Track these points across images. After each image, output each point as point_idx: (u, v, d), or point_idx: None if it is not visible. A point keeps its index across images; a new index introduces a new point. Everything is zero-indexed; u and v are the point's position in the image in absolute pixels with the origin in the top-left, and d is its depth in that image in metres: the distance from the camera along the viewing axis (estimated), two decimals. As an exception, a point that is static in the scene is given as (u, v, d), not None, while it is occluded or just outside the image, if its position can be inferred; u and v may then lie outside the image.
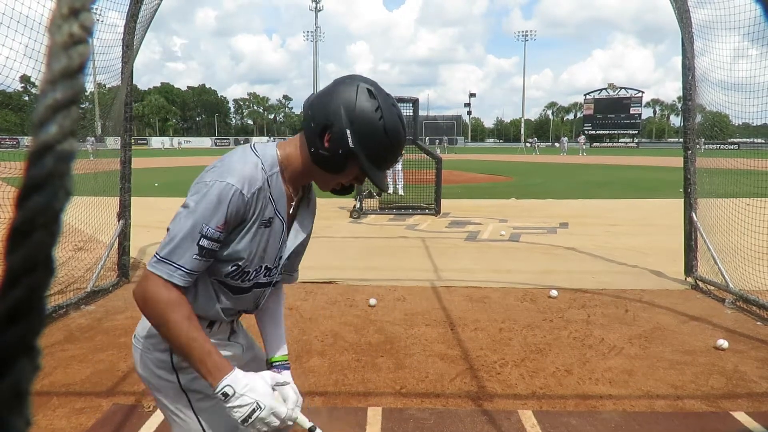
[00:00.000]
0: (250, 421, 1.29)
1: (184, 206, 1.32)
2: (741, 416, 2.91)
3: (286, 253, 1.54)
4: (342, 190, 1.49)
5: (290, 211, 1.49)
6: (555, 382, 3.32)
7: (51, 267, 0.24)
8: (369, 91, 1.35)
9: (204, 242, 1.28)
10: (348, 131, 1.32)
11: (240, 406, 1.28)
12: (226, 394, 1.27)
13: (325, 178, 1.43)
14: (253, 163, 1.34)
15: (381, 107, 1.35)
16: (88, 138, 7.47)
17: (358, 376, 3.41)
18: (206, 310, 1.46)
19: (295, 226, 1.54)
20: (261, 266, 1.47)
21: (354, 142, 1.32)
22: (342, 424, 2.83)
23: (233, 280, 1.43)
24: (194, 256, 1.29)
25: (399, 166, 11.69)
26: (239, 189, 1.29)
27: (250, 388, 1.30)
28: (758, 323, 4.32)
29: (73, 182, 0.25)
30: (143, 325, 1.48)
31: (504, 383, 3.31)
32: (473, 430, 2.79)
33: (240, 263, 1.40)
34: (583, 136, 58.01)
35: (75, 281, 5.09)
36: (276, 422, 1.33)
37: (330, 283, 5.42)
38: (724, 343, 3.81)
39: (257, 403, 1.29)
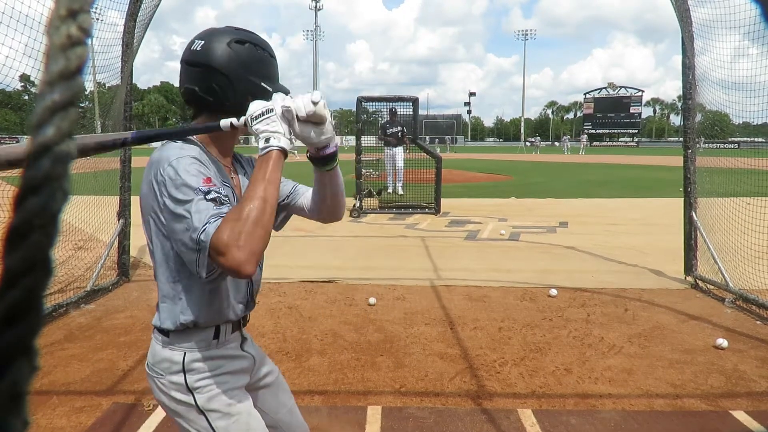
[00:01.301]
0: (263, 114, 1.27)
1: (168, 206, 1.27)
2: (740, 415, 2.92)
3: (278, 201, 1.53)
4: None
5: (234, 180, 1.52)
6: (554, 381, 3.32)
7: (49, 268, 0.24)
8: (237, 41, 1.42)
9: (212, 195, 1.25)
10: (262, 84, 1.42)
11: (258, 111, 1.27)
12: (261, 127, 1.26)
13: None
14: (174, 145, 1.35)
15: (253, 42, 1.44)
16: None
17: (357, 375, 3.41)
18: (209, 313, 1.43)
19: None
20: None
21: (267, 84, 1.43)
22: (342, 423, 2.83)
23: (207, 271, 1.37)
24: (213, 207, 1.23)
25: (400, 164, 11.68)
26: (187, 155, 1.30)
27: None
28: (758, 322, 4.32)
29: (71, 183, 0.25)
30: (152, 352, 1.47)
31: (503, 382, 3.31)
32: (473, 429, 2.79)
33: None
34: (584, 135, 57.98)
35: (75, 280, 5.09)
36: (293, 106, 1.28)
37: (329, 282, 5.42)
38: (723, 342, 3.81)
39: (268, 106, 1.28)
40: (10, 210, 0.25)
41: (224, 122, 1.32)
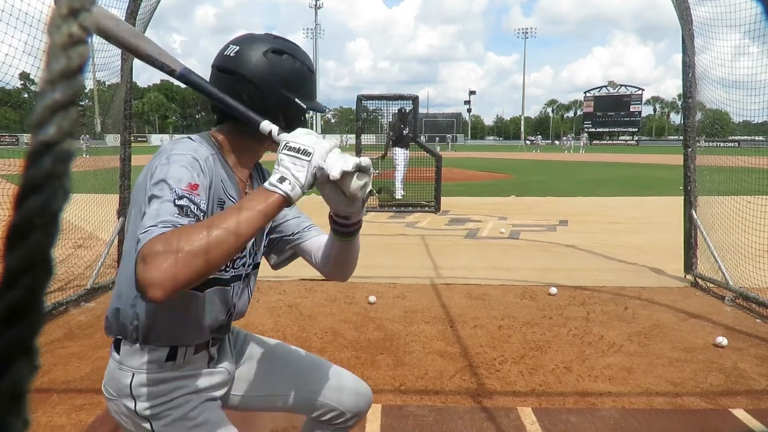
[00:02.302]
0: (307, 143, 1.11)
1: (145, 200, 1.14)
2: (740, 413, 2.92)
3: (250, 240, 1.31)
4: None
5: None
6: (554, 379, 3.32)
7: (49, 267, 0.24)
8: (275, 51, 1.32)
9: (183, 201, 1.10)
10: (296, 99, 1.32)
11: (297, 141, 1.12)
12: (284, 171, 1.09)
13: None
14: (190, 141, 1.28)
15: (293, 55, 1.33)
16: (82, 136, 7.47)
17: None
18: (164, 331, 1.29)
19: None
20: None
21: (302, 100, 1.32)
22: (342, 422, 2.83)
23: None
24: (174, 214, 1.07)
25: (404, 167, 11.44)
26: (191, 155, 1.20)
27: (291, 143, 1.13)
28: (758, 321, 4.32)
29: (72, 182, 0.25)
30: (107, 369, 1.35)
31: (503, 380, 3.31)
32: (472, 427, 2.79)
33: None
34: (585, 134, 57.94)
35: (75, 278, 5.09)
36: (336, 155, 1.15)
37: (329, 280, 5.41)
38: (723, 340, 3.81)
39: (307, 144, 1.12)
40: (11, 209, 0.25)
41: (266, 125, 1.20)
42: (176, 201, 1.08)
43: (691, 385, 3.24)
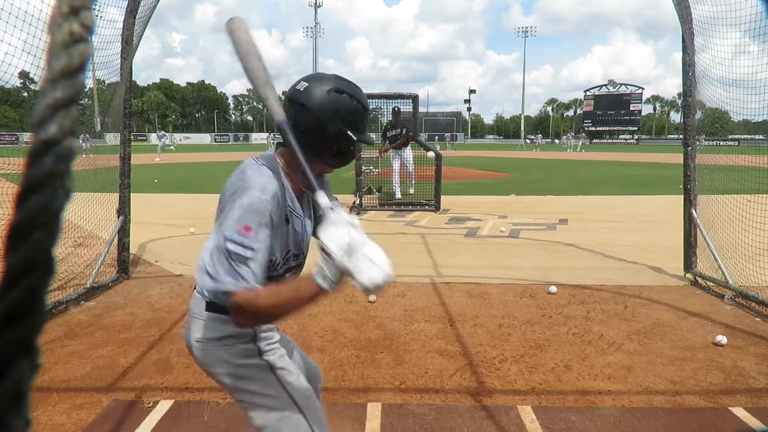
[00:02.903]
0: (351, 251, 1.36)
1: (224, 223, 1.45)
2: (739, 412, 2.92)
3: (308, 239, 1.77)
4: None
5: (304, 205, 1.71)
6: (554, 378, 3.33)
7: (50, 267, 0.24)
8: (337, 90, 1.57)
9: (257, 246, 1.43)
10: (348, 132, 1.59)
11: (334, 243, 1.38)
12: (327, 272, 1.36)
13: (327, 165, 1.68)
14: (267, 175, 1.54)
15: (353, 95, 1.59)
16: (81, 135, 7.46)
17: (357, 371, 3.41)
18: None
19: (310, 214, 1.78)
20: (288, 252, 1.67)
21: (354, 134, 1.60)
22: (342, 420, 2.83)
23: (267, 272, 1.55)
24: (250, 263, 1.42)
25: (410, 168, 11.40)
26: (265, 198, 1.47)
27: (331, 241, 1.39)
28: (757, 319, 4.33)
29: (72, 181, 0.25)
30: (205, 329, 1.63)
31: (503, 379, 3.32)
32: (472, 426, 2.79)
33: (272, 258, 1.57)
34: (583, 134, 57.88)
35: (75, 277, 5.09)
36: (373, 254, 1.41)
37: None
38: (723, 339, 3.81)
39: (346, 238, 1.38)
40: (12, 208, 0.25)
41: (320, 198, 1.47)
42: (230, 244, 1.41)
43: (690, 384, 3.24)
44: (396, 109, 10.81)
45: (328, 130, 1.56)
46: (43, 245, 0.23)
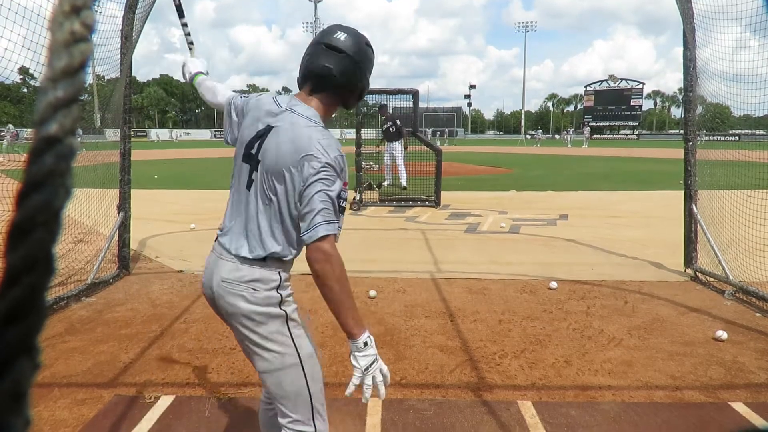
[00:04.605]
0: (371, 368, 1.67)
1: (319, 180, 1.62)
2: (739, 407, 2.93)
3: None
4: None
5: None
6: (554, 373, 3.33)
7: (51, 265, 0.24)
8: (370, 46, 1.80)
9: (343, 201, 1.67)
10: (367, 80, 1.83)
11: (368, 355, 1.66)
12: (366, 344, 1.66)
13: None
14: (329, 133, 1.71)
15: (372, 48, 1.82)
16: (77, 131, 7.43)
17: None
18: (298, 252, 1.80)
19: None
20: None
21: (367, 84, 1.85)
22: (342, 415, 2.84)
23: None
24: (341, 214, 1.67)
25: (399, 161, 11.59)
26: (342, 155, 1.70)
27: (374, 343, 1.69)
28: (757, 314, 4.33)
29: (73, 179, 0.25)
30: (242, 272, 1.72)
31: (503, 374, 3.32)
32: (473, 421, 2.80)
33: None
34: (587, 128, 57.81)
35: (75, 273, 5.09)
36: (380, 378, 1.70)
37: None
38: (723, 334, 3.82)
39: (377, 356, 1.68)
40: (13, 206, 0.25)
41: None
42: (340, 199, 1.65)
43: (690, 379, 3.25)
44: (380, 104, 11.15)
45: (362, 80, 1.78)
46: (43, 244, 0.23)
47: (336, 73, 1.71)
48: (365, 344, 1.65)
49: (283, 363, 1.76)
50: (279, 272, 1.76)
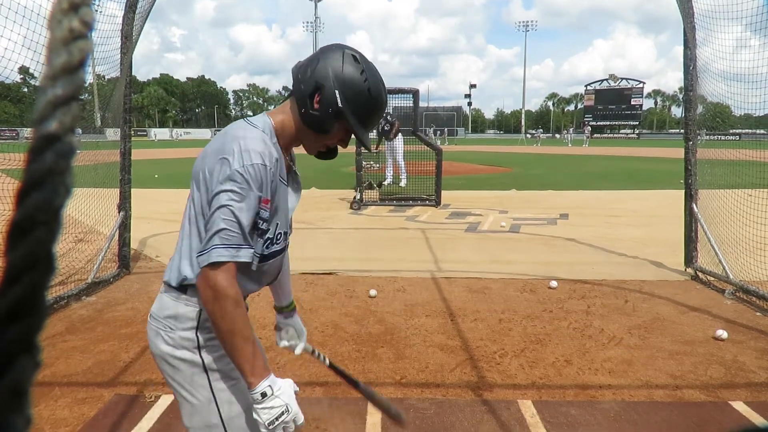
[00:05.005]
0: (277, 423, 1.35)
1: (224, 192, 1.34)
2: (739, 406, 2.93)
3: (291, 215, 1.62)
4: (326, 153, 1.60)
5: (287, 176, 1.56)
6: (554, 372, 3.33)
7: (52, 264, 0.24)
8: (354, 57, 1.48)
9: (262, 223, 1.39)
10: (336, 91, 1.43)
11: (272, 408, 1.35)
12: (264, 394, 1.34)
13: (313, 140, 1.52)
14: (260, 139, 1.41)
15: (365, 71, 1.47)
16: (75, 130, 7.43)
17: (358, 366, 3.42)
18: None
19: (295, 187, 1.63)
20: (281, 233, 1.54)
21: (342, 101, 1.44)
22: (342, 414, 2.84)
23: (265, 250, 1.49)
24: (259, 238, 1.41)
25: (400, 158, 11.67)
26: (267, 165, 1.38)
27: (283, 391, 1.37)
28: (758, 314, 4.33)
29: (73, 177, 0.25)
30: (162, 305, 1.49)
31: (504, 373, 3.32)
32: (473, 420, 2.80)
33: (270, 232, 1.48)
34: (588, 127, 57.81)
35: (76, 272, 5.10)
36: (292, 427, 1.40)
37: (330, 274, 5.42)
38: (723, 333, 3.82)
39: (287, 406, 1.36)
40: (13, 205, 0.25)
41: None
42: (252, 218, 1.36)
43: (690, 378, 3.25)
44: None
45: (323, 77, 1.50)
46: (44, 242, 0.23)
47: (296, 70, 1.49)
48: (263, 395, 1.34)
49: (203, 422, 1.49)
50: (200, 310, 1.46)
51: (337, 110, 1.44)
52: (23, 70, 4.24)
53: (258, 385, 1.33)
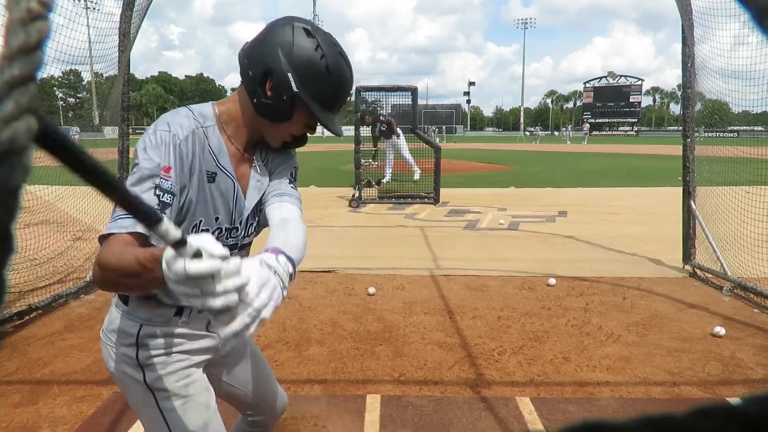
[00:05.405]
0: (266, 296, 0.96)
1: (135, 166, 1.20)
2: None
3: (245, 213, 1.43)
4: (294, 142, 1.44)
5: (241, 169, 1.40)
6: (553, 370, 3.34)
7: (10, 244, 0.24)
8: (305, 30, 1.28)
9: (159, 193, 1.17)
10: (289, 74, 1.25)
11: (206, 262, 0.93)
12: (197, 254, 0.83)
13: (273, 131, 1.37)
14: (183, 114, 1.30)
15: (321, 45, 1.27)
16: (72, 128, 7.44)
17: (357, 364, 3.42)
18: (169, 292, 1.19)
19: (253, 184, 1.44)
20: (220, 228, 1.37)
21: (298, 85, 1.26)
22: (341, 412, 2.85)
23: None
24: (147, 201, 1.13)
25: (407, 154, 11.73)
26: (173, 132, 1.23)
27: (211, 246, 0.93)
28: (755, 310, 4.33)
29: (32, 158, 0.24)
30: (110, 317, 1.41)
31: (502, 371, 3.33)
32: (471, 417, 2.80)
33: (195, 222, 1.31)
34: (587, 125, 57.82)
35: (74, 271, 5.10)
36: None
37: (329, 272, 5.42)
38: (721, 330, 3.82)
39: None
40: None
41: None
42: (155, 190, 1.16)
43: (688, 375, 3.25)
44: (361, 114, 10.78)
45: (272, 58, 1.32)
46: (1, 222, 0.23)
47: (241, 55, 1.34)
48: (196, 255, 0.83)
49: None
50: (141, 324, 1.34)
51: (293, 96, 1.26)
52: None
53: (164, 254, 0.86)
